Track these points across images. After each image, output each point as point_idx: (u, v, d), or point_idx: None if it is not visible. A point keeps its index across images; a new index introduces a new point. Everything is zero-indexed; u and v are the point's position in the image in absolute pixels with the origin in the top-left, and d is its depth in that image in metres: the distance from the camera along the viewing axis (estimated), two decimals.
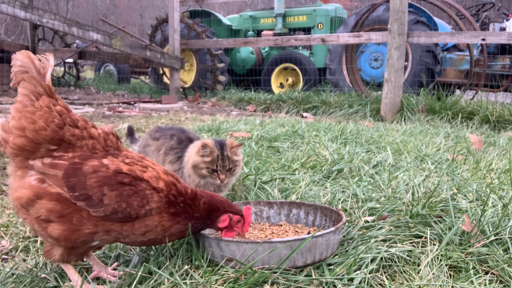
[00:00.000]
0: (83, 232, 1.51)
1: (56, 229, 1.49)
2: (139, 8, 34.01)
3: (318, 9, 11.02)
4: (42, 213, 1.49)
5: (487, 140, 4.26)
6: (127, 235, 1.56)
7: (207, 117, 6.39)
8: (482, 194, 2.35)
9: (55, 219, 1.49)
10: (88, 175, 1.50)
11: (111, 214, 1.51)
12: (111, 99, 9.17)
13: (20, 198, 1.50)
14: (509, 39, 5.93)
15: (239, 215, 1.74)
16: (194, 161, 2.35)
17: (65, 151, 1.55)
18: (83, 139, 1.57)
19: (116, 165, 1.55)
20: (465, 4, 18.58)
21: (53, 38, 12.64)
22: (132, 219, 1.54)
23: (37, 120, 1.51)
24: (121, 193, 1.51)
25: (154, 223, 1.57)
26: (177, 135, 2.59)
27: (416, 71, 8.32)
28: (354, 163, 3.10)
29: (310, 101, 7.53)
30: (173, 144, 2.54)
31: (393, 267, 1.70)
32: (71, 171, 1.50)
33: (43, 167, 1.51)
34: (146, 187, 1.56)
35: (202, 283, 1.54)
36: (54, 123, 1.52)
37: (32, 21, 7.89)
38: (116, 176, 1.53)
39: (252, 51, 11.38)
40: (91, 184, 1.49)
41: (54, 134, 1.52)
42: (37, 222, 1.50)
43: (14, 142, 1.51)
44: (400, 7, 6.15)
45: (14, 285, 1.65)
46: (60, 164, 1.51)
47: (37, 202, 1.49)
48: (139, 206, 1.53)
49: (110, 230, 1.53)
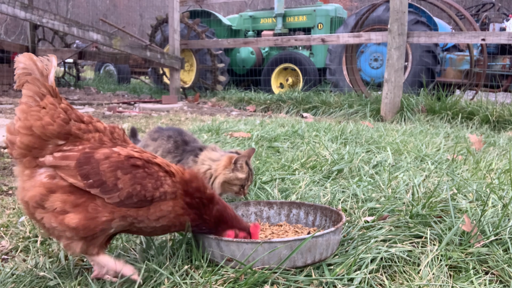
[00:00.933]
0: (101, 220, 1.53)
1: (73, 219, 1.50)
2: (139, 8, 34.02)
3: (318, 9, 11.02)
4: (57, 205, 1.50)
5: (487, 140, 4.26)
6: (142, 220, 1.58)
7: (207, 117, 6.39)
8: (482, 194, 2.35)
9: (70, 209, 1.51)
10: (101, 161, 1.53)
11: (126, 199, 1.53)
12: (111, 99, 9.17)
13: (34, 196, 1.51)
14: (509, 39, 5.93)
15: (246, 231, 1.75)
16: (227, 177, 2.24)
17: (74, 144, 1.57)
18: (89, 132, 1.60)
19: (127, 151, 1.59)
20: (465, 4, 18.59)
21: (53, 38, 12.64)
22: (147, 203, 1.56)
23: (43, 116, 1.53)
24: (135, 175, 1.55)
25: (169, 208, 1.61)
26: (173, 137, 2.54)
27: (416, 71, 8.32)
28: (354, 163, 3.10)
29: (310, 101, 7.53)
30: (170, 147, 2.50)
31: (393, 267, 1.70)
32: (83, 159, 1.53)
33: (54, 160, 1.53)
34: (159, 170, 1.60)
35: (202, 283, 1.55)
36: (60, 118, 1.55)
37: (32, 21, 7.89)
38: (128, 160, 1.56)
39: (252, 51, 11.37)
40: (104, 169, 1.52)
41: (61, 129, 1.55)
42: (54, 216, 1.52)
43: (22, 141, 1.53)
44: (400, 7, 6.15)
45: (14, 285, 1.65)
46: (72, 155, 1.54)
47: (51, 196, 1.51)
48: (154, 188, 1.56)
49: (126, 215, 1.56)
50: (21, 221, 2.21)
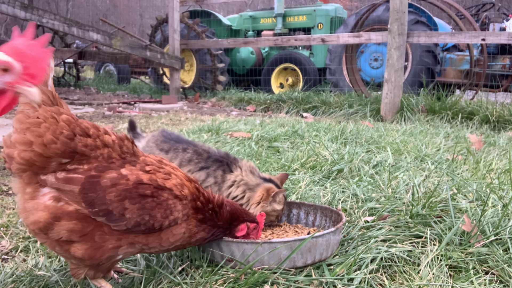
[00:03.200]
0: (107, 248, 1.45)
1: (79, 249, 1.42)
2: (139, 8, 34.01)
3: (318, 9, 11.02)
4: (63, 234, 1.40)
5: (487, 140, 4.26)
6: (153, 246, 1.51)
7: (207, 117, 6.39)
8: (482, 194, 2.35)
9: (77, 239, 1.41)
10: (107, 189, 1.42)
11: (134, 227, 1.44)
12: (111, 99, 9.17)
13: (38, 222, 1.39)
14: (509, 39, 5.93)
15: (255, 222, 1.76)
16: (264, 210, 2.13)
17: (79, 163, 1.43)
18: (97, 148, 1.45)
19: (136, 175, 1.47)
20: (465, 4, 18.58)
21: (53, 38, 12.62)
22: (156, 231, 1.49)
23: (44, 133, 1.39)
24: (144, 206, 1.45)
25: (182, 230, 1.54)
26: (191, 147, 2.37)
27: (416, 71, 8.32)
28: (354, 163, 3.10)
29: (310, 101, 7.53)
30: (190, 156, 2.32)
31: (393, 267, 1.70)
32: (88, 185, 1.41)
33: (57, 182, 1.40)
34: (169, 197, 1.50)
35: (202, 283, 1.55)
36: (63, 134, 1.40)
37: (32, 21, 7.89)
38: (137, 188, 1.45)
39: (252, 51, 11.37)
40: (111, 198, 1.41)
41: (65, 147, 1.40)
42: (58, 244, 1.43)
43: (22, 156, 1.39)
44: (400, 7, 6.15)
45: (14, 284, 1.65)
46: (76, 178, 1.41)
47: (56, 224, 1.39)
48: (163, 217, 1.48)
49: (134, 242, 1.48)
50: (21, 221, 2.21)
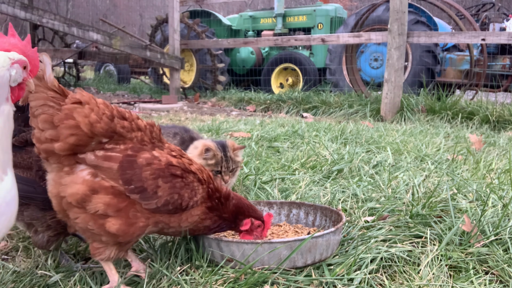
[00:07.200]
0: (138, 226, 1.51)
1: (115, 224, 1.47)
2: (139, 8, 34.00)
3: (318, 9, 11.01)
4: (100, 207, 1.46)
5: (487, 140, 4.26)
6: (173, 226, 1.59)
7: (207, 117, 6.39)
8: (482, 194, 2.35)
9: (112, 213, 1.47)
10: (143, 167, 1.50)
11: (162, 206, 1.52)
12: (111, 99, 9.16)
13: (75, 194, 1.45)
14: (509, 39, 5.92)
15: (261, 220, 1.77)
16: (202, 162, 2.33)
17: (116, 143, 1.52)
18: (132, 131, 1.55)
19: (166, 157, 1.56)
20: (465, 4, 18.59)
21: (53, 38, 12.62)
22: (181, 210, 1.57)
23: (89, 113, 1.46)
24: (174, 185, 1.54)
25: (198, 212, 1.63)
26: (180, 134, 2.61)
27: (416, 71, 8.32)
28: (354, 163, 3.10)
29: (310, 101, 7.52)
30: (176, 143, 2.55)
31: (393, 267, 1.70)
32: (126, 163, 1.49)
33: (96, 159, 1.48)
34: (194, 179, 1.60)
35: (202, 283, 1.55)
36: (105, 115, 1.49)
37: (32, 21, 7.89)
38: (168, 169, 1.54)
39: (252, 51, 11.37)
40: (146, 176, 1.49)
41: (107, 126, 1.49)
42: (93, 219, 1.47)
43: (67, 141, 1.45)
44: (400, 7, 6.15)
45: (14, 284, 1.65)
46: (114, 157, 1.49)
47: (93, 197, 1.46)
48: (189, 198, 1.58)
49: (158, 221, 1.56)
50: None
